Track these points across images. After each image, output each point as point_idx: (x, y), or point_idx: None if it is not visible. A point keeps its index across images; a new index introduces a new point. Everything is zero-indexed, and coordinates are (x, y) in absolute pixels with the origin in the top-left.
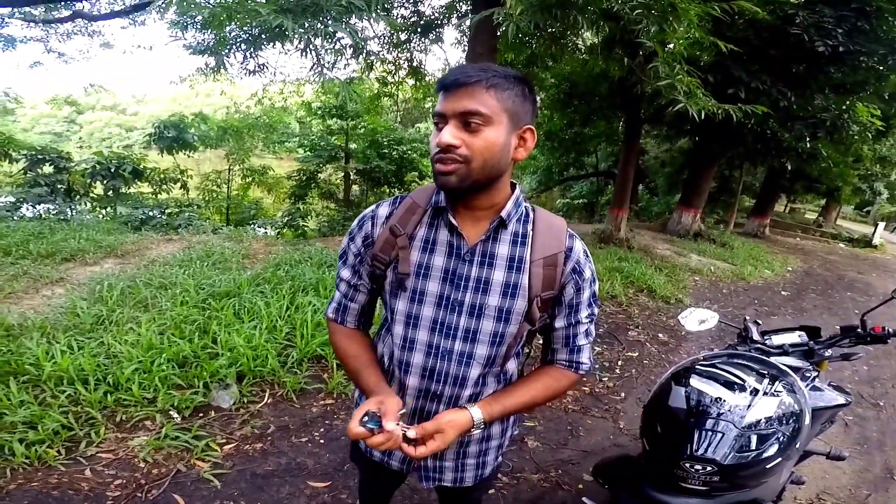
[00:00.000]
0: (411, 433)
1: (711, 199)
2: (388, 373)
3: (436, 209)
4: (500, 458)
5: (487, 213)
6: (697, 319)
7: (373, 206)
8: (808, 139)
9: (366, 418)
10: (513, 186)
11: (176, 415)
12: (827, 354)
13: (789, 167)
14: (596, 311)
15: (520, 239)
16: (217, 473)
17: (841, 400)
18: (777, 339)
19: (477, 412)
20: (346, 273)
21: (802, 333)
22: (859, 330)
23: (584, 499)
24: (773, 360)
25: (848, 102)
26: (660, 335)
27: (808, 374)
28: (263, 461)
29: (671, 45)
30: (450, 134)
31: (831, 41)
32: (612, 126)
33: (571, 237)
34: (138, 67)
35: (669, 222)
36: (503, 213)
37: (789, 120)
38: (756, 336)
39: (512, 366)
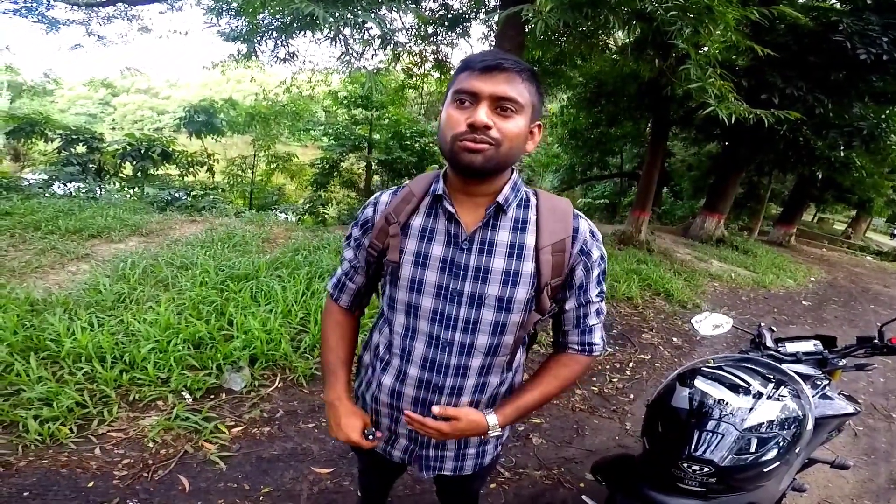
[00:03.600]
0: (436, 409)
1: (737, 204)
2: (382, 361)
3: (434, 197)
4: (499, 448)
5: (486, 200)
6: (712, 324)
7: (378, 193)
8: (842, 148)
9: (367, 432)
10: (511, 172)
11: (188, 396)
12: (840, 364)
13: (820, 176)
14: (605, 288)
15: (520, 225)
16: (223, 456)
17: (850, 409)
18: (791, 347)
19: (493, 418)
20: (348, 253)
21: (817, 342)
22: (876, 341)
23: (584, 497)
24: (783, 367)
25: (888, 112)
26: (674, 339)
27: (818, 383)
28: (270, 445)
29: (705, 48)
30: (486, 115)
31: (875, 49)
32: (638, 127)
33: (577, 218)
34: (173, 52)
35: (692, 227)
36: (500, 199)
37: (824, 128)
38: (770, 343)
39: (519, 356)
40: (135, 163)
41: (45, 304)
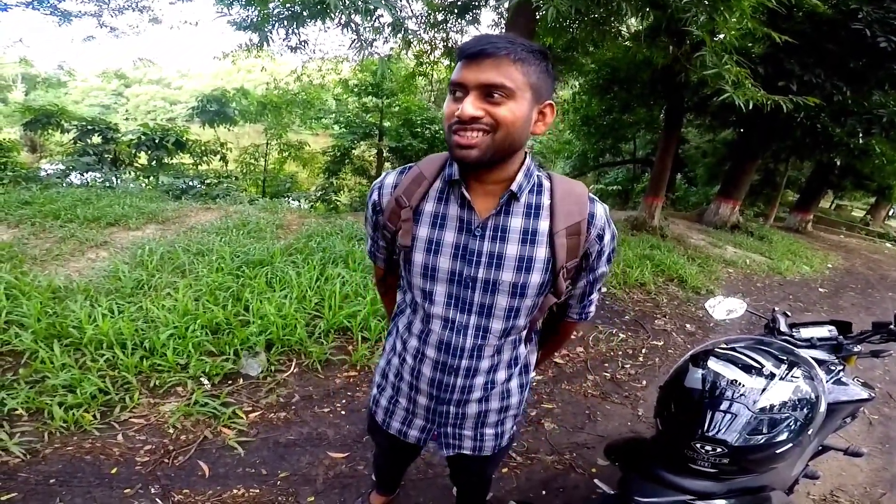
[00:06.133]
0: None
1: (753, 191)
2: (403, 340)
3: (449, 182)
4: (515, 427)
5: (499, 187)
6: (725, 309)
7: (382, 176)
8: (861, 135)
9: None
10: (524, 157)
11: (206, 381)
12: (855, 350)
13: (839, 163)
14: (611, 266)
15: (533, 210)
16: (241, 441)
17: (864, 395)
18: (805, 332)
19: None
20: (369, 230)
21: (832, 328)
22: (892, 326)
23: (596, 481)
24: (801, 353)
25: None
26: (687, 325)
27: (832, 368)
28: (286, 430)
29: (721, 35)
30: (472, 105)
31: (895, 37)
32: (652, 114)
33: (592, 202)
34: (184, 43)
35: (706, 213)
36: (513, 186)
37: (843, 115)
38: (784, 328)
39: (528, 344)
40: (149, 152)
41: (67, 292)
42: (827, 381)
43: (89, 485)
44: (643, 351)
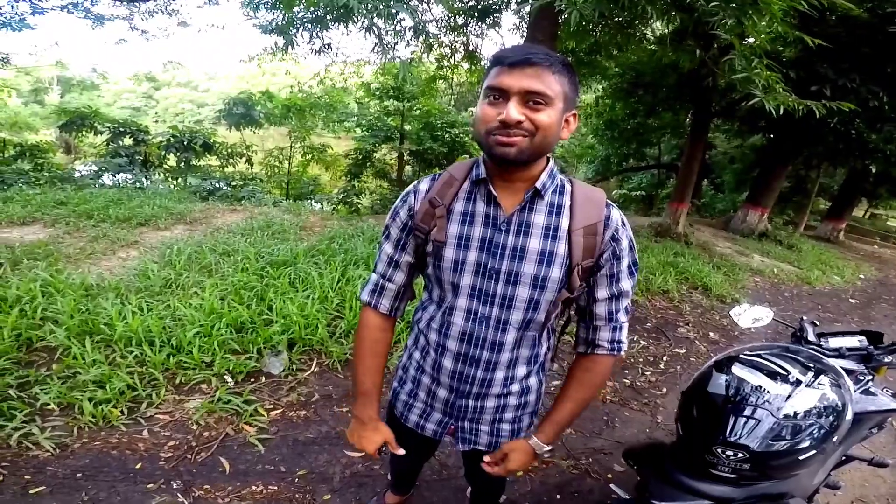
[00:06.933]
0: (487, 458)
1: (782, 199)
2: (425, 336)
3: (476, 181)
4: (532, 426)
5: (524, 186)
6: (751, 317)
7: (415, 182)
8: None
9: (383, 450)
10: (546, 160)
11: (230, 379)
12: (886, 360)
13: (874, 170)
14: (636, 281)
15: (555, 209)
16: (262, 438)
17: (893, 406)
18: (834, 342)
19: (537, 443)
20: (388, 248)
21: (863, 338)
22: None
23: (612, 486)
24: (829, 361)
25: None
26: (711, 334)
27: (861, 378)
28: (306, 428)
29: (750, 39)
30: (517, 110)
31: None
32: (678, 118)
33: (609, 206)
34: (211, 46)
35: (733, 220)
36: (538, 185)
37: (878, 121)
38: (811, 337)
39: (545, 339)
40: (178, 154)
41: (99, 289)
42: (855, 391)
43: (114, 479)
44: (664, 358)
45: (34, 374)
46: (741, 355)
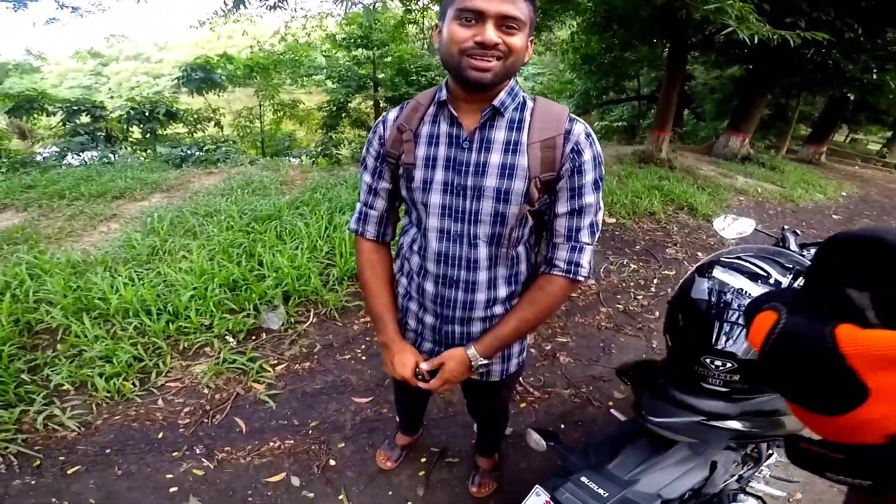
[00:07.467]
0: (425, 365)
1: (763, 125)
2: (407, 260)
3: (439, 104)
4: (524, 354)
5: (485, 105)
6: (735, 230)
7: (385, 112)
8: (875, 70)
9: (417, 373)
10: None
11: (231, 339)
12: None
13: (852, 98)
14: (601, 203)
15: (515, 125)
16: (271, 394)
17: None
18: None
19: (472, 350)
20: (366, 177)
21: None
22: None
23: (612, 411)
24: (805, 262)
25: None
26: (699, 253)
27: None
28: (312, 380)
29: None
30: (495, 33)
31: None
32: (654, 51)
33: (572, 121)
34: (157, 16)
35: (716, 146)
36: (496, 102)
37: (855, 51)
38: (794, 247)
39: (522, 257)
40: (142, 125)
41: (86, 265)
42: None
43: (141, 451)
44: (655, 281)
45: (41, 356)
46: (721, 258)
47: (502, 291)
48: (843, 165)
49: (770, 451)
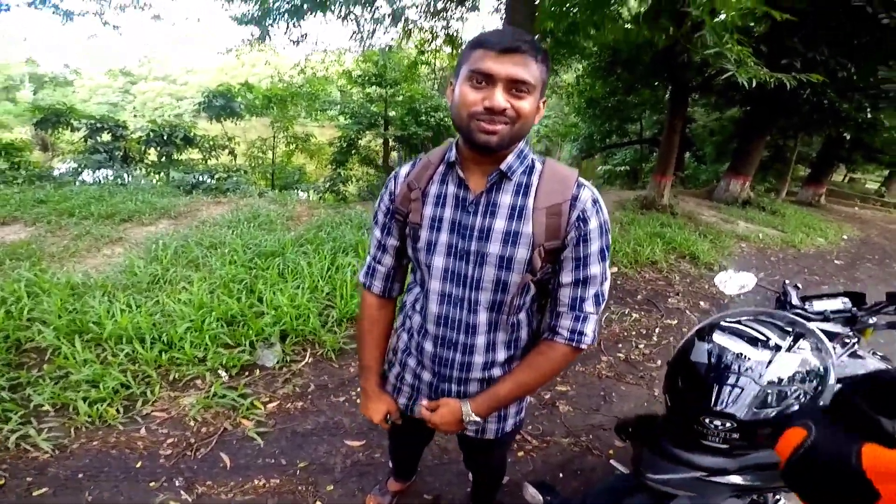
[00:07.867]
0: (425, 402)
1: (763, 167)
2: (410, 318)
3: (448, 164)
4: (521, 414)
5: (494, 168)
6: (737, 284)
7: (397, 168)
8: (868, 109)
9: (388, 419)
10: None
11: (224, 373)
12: (871, 322)
13: (848, 137)
14: (608, 273)
15: (522, 189)
16: (260, 432)
17: (881, 367)
18: (818, 305)
19: (466, 406)
20: (377, 232)
21: (846, 300)
22: None
23: (612, 462)
24: (806, 323)
25: None
26: (701, 303)
27: (847, 341)
28: (303, 420)
29: (721, 15)
30: (504, 98)
31: None
32: (656, 94)
33: (580, 187)
34: (187, 39)
35: (717, 190)
36: (503, 166)
37: (848, 90)
38: (795, 301)
39: (523, 323)
40: (159, 148)
41: (85, 288)
42: (842, 355)
43: (116, 479)
44: (657, 330)
45: (25, 375)
46: (722, 322)
47: (501, 355)
48: (843, 206)
49: (777, 497)
